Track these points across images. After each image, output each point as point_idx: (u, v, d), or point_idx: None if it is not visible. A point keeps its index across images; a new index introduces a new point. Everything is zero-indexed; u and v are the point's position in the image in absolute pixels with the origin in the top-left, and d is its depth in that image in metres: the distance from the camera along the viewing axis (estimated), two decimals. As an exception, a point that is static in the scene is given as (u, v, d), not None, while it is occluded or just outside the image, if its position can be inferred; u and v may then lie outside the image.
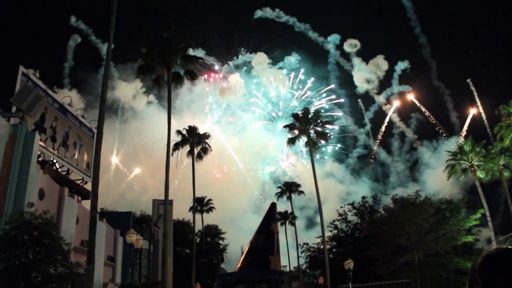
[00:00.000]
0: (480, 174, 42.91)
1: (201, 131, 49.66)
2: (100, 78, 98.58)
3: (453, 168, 45.20)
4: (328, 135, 49.80)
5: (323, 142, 51.55)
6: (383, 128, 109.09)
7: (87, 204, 30.86)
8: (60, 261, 17.19)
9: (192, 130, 48.18)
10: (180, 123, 60.69)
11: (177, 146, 46.37)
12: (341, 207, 60.25)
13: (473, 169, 43.50)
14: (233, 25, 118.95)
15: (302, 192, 70.51)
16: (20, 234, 16.51)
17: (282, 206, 75.27)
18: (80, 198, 33.51)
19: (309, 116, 46.56)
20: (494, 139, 46.44)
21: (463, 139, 42.79)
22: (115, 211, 54.35)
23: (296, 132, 46.45)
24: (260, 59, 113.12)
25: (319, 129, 46.92)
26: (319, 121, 46.98)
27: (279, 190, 71.91)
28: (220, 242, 71.82)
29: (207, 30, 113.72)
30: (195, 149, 47.46)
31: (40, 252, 16.69)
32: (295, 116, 48.40)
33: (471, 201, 45.04)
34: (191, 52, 38.37)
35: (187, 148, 47.36)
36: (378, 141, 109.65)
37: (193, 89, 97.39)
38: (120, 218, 42.02)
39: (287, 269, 70.82)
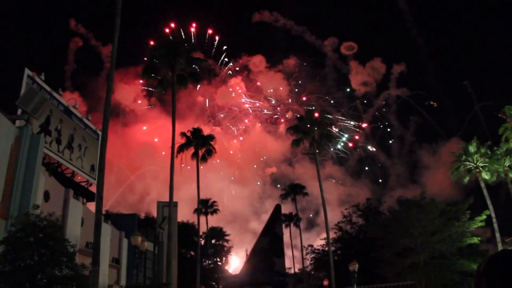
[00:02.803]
0: (485, 176, 42.69)
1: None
2: (101, 81, 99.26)
3: (458, 169, 45.02)
4: (332, 137, 49.64)
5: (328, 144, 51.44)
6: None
7: (92, 206, 30.95)
8: (65, 263, 17.21)
9: (196, 132, 48.18)
10: (182, 126, 60.83)
11: (182, 148, 46.38)
12: (346, 208, 60.20)
13: (478, 170, 43.30)
14: (232, 28, 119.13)
15: (306, 193, 70.44)
16: (26, 236, 16.55)
17: (283, 207, 75.56)
18: (85, 200, 33.61)
19: (313, 118, 46.46)
20: (492, 140, 46.20)
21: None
22: (120, 213, 54.46)
23: (300, 134, 46.36)
24: (258, 62, 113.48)
25: (323, 131, 46.74)
26: (323, 123, 46.81)
27: (283, 191, 71.85)
28: (225, 244, 71.80)
29: (205, 33, 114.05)
30: (200, 151, 47.45)
31: (46, 254, 16.72)
32: (299, 118, 48.36)
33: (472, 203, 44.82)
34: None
35: (191, 150, 47.33)
36: (376, 142, 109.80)
37: (193, 92, 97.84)
38: (125, 220, 42.10)
39: (292, 271, 70.79)
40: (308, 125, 45.24)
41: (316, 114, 49.11)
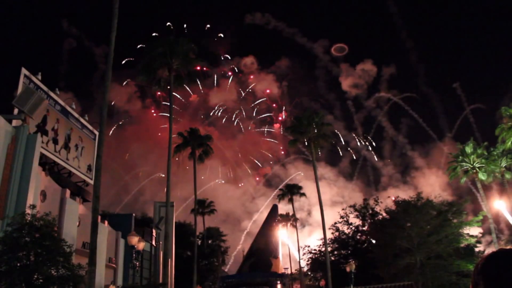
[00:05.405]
0: (482, 176, 42.82)
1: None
2: (94, 81, 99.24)
3: (455, 170, 45.13)
4: (329, 138, 49.43)
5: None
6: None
7: (88, 206, 30.86)
8: (62, 263, 17.15)
9: (193, 132, 48.11)
10: (175, 126, 60.82)
11: (179, 148, 46.29)
12: (343, 209, 60.23)
13: (474, 171, 43.40)
14: (224, 29, 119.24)
15: (303, 194, 70.42)
16: (22, 236, 16.50)
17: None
18: (81, 200, 33.52)
19: (311, 119, 46.29)
20: (483, 141, 46.41)
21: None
22: (117, 213, 54.36)
23: (297, 134, 46.30)
24: (250, 63, 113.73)
25: (320, 131, 46.56)
26: (320, 123, 46.64)
27: (280, 192, 71.89)
28: (222, 244, 71.73)
29: (198, 34, 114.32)
30: (197, 152, 47.38)
31: (42, 254, 16.67)
32: (296, 118, 48.35)
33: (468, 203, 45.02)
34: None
35: (188, 150, 47.22)
36: (368, 143, 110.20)
37: (187, 93, 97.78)
38: (122, 220, 42.00)
39: (289, 271, 70.75)
40: (306, 126, 45.18)
41: (315, 114, 48.90)
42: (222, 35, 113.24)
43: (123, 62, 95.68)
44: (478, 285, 1.94)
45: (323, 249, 48.26)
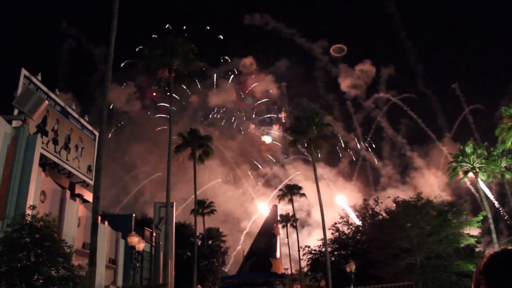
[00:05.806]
0: (482, 176, 42.83)
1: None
2: (93, 82, 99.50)
3: (455, 170, 45.12)
4: (329, 138, 49.35)
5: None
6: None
7: (88, 206, 30.85)
8: (62, 263, 17.16)
9: (193, 132, 48.10)
10: (176, 128, 60.88)
11: (179, 149, 46.27)
12: (343, 209, 60.25)
13: (475, 171, 43.40)
14: (223, 30, 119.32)
15: (303, 194, 70.42)
16: (22, 237, 16.51)
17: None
18: (81, 200, 33.52)
19: (311, 119, 46.28)
20: (482, 141, 46.51)
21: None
22: (117, 214, 54.32)
23: (298, 135, 46.30)
24: (249, 64, 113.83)
25: (320, 132, 46.52)
26: (320, 124, 46.65)
27: (280, 192, 71.86)
28: (222, 244, 71.69)
29: (197, 35, 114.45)
30: (197, 152, 47.36)
31: (42, 254, 16.67)
32: (296, 118, 48.34)
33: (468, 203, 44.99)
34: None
35: (188, 150, 47.21)
36: (367, 143, 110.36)
37: (185, 95, 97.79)
38: (122, 220, 41.99)
39: (289, 272, 70.77)
40: (306, 126, 45.19)
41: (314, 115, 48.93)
42: (221, 37, 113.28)
43: (122, 64, 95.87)
44: (480, 285, 1.93)
45: (323, 249, 48.21)
